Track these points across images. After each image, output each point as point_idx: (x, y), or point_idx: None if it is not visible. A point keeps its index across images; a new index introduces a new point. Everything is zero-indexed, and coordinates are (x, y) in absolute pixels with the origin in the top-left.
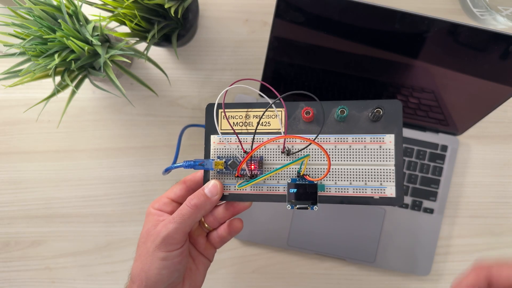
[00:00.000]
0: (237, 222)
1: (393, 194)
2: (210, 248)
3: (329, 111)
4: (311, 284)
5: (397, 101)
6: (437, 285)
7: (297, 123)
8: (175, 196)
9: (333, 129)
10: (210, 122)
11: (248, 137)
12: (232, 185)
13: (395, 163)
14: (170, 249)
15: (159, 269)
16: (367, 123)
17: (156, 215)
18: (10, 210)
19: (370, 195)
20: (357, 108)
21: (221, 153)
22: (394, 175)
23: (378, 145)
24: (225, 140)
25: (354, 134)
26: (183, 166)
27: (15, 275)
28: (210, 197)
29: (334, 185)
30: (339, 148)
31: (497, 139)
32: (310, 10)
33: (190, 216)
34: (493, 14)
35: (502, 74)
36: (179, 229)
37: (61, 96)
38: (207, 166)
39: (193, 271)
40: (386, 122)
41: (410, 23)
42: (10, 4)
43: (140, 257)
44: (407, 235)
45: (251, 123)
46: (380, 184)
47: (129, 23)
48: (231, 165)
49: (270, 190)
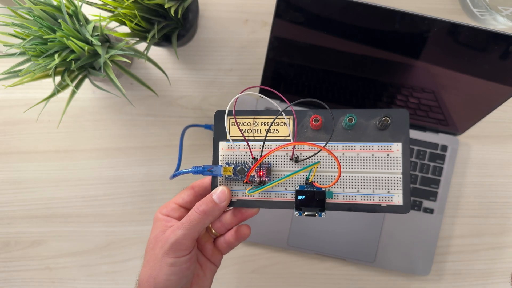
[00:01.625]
0: (245, 228)
1: (400, 202)
2: (217, 254)
3: (337, 119)
4: (311, 284)
5: (404, 110)
6: (437, 285)
7: (305, 130)
8: (183, 201)
9: (341, 137)
10: (219, 128)
11: (256, 144)
12: (240, 191)
13: (402, 171)
14: (179, 255)
15: (167, 275)
16: (375, 131)
17: (164, 221)
18: (10, 210)
19: (377, 202)
20: (365, 116)
21: (230, 160)
22: (402, 183)
23: (386, 153)
24: (234, 147)
25: (362, 142)
26: (192, 172)
27: (15, 275)
28: (218, 203)
29: (342, 192)
30: (347, 155)
31: (497, 139)
32: (310, 10)
33: (199, 222)
34: (493, 14)
35: (502, 74)
36: (187, 235)
37: (61, 96)
38: (216, 172)
39: (201, 277)
40: (394, 130)
41: (410, 23)
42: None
43: (149, 263)
44: (407, 235)
45: (259, 130)
46: (388, 192)
47: (129, 23)
48: (240, 172)
49: (278, 196)
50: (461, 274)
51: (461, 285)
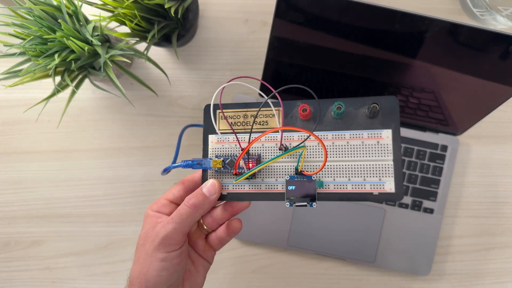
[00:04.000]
0: (236, 223)
1: (393, 190)
2: (209, 250)
3: (326, 109)
4: (311, 284)
5: (393, 97)
6: (437, 285)
7: (294, 121)
8: (174, 197)
9: (331, 126)
10: (208, 122)
11: (246, 137)
12: (231, 184)
13: (393, 158)
14: (169, 249)
15: (158, 270)
16: (364, 119)
17: (154, 217)
18: (10, 210)
19: (369, 191)
20: (354, 105)
21: (219, 153)
22: (393, 170)
23: (376, 140)
24: (223, 140)
25: (352, 130)
26: (182, 165)
27: (15, 275)
28: (208, 196)
29: (333, 181)
30: (337, 144)
31: (497, 139)
32: (310, 10)
33: (189, 216)
34: (493, 14)
35: (502, 74)
36: (178, 229)
37: (61, 96)
38: (205, 165)
39: (193, 274)
40: (383, 117)
41: (410, 23)
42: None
43: (139, 259)
44: (407, 235)
45: (249, 122)
46: (379, 180)
47: (129, 23)
48: (229, 164)
49: (269, 188)
50: (461, 274)
51: (461, 285)
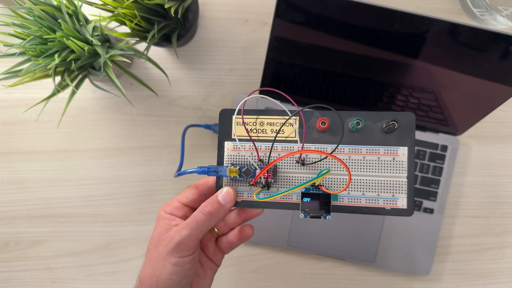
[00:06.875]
0: (248, 229)
1: (405, 206)
2: (218, 253)
3: (343, 121)
4: (311, 284)
5: (410, 114)
6: (437, 285)
7: (311, 131)
8: (187, 200)
9: (348, 140)
10: (224, 128)
11: (263, 145)
12: (245, 192)
13: (407, 175)
14: (183, 255)
15: (170, 274)
16: (381, 134)
17: (167, 219)
18: (10, 210)
19: (382, 206)
20: (371, 119)
21: (235, 160)
22: (406, 187)
23: (392, 157)
24: (239, 147)
25: (368, 146)
26: (197, 172)
27: (15, 275)
28: (223, 204)
29: (347, 195)
30: (353, 158)
31: (497, 139)
32: (310, 10)
33: (204, 223)
34: (493, 14)
35: (502, 74)
36: (192, 235)
37: (61, 96)
38: (221, 173)
39: (201, 277)
40: (400, 134)
41: (410, 23)
42: (10, 4)
43: (151, 261)
44: (407, 235)
45: (265, 130)
46: (393, 196)
47: (129, 23)
48: (245, 173)
49: (284, 198)
50: (461, 274)
51: (461, 285)
